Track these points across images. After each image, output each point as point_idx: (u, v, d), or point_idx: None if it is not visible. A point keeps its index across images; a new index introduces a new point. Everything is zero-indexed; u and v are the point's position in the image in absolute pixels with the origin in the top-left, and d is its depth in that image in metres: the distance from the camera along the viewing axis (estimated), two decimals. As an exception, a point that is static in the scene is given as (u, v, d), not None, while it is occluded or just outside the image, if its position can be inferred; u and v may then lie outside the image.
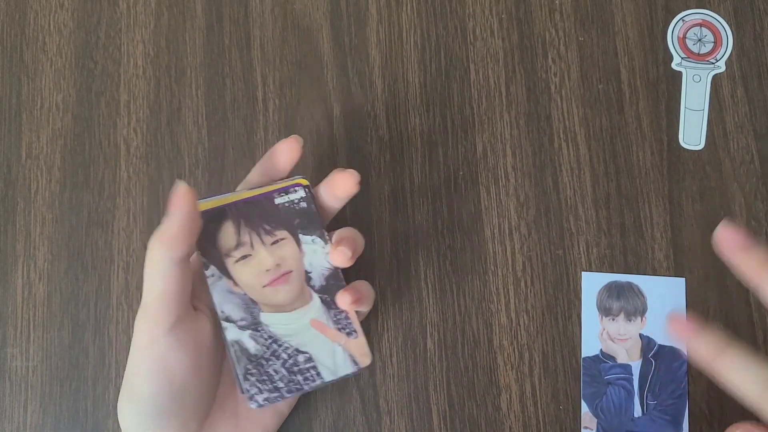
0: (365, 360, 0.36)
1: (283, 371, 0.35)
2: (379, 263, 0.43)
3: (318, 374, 0.35)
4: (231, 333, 0.35)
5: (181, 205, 0.32)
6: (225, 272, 0.35)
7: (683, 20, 0.47)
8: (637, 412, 0.41)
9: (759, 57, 0.46)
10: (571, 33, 0.46)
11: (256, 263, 0.36)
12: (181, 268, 0.33)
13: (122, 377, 0.41)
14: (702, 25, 0.47)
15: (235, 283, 0.35)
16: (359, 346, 0.36)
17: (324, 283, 0.36)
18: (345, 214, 0.44)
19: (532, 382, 0.42)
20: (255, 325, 0.35)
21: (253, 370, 0.34)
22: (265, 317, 0.35)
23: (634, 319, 0.42)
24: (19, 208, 0.44)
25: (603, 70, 0.46)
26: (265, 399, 0.34)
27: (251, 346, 0.34)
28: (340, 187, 0.37)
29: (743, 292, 0.43)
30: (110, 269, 0.43)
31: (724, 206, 0.44)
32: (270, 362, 0.34)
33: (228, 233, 0.36)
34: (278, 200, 0.37)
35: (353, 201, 0.44)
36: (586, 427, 0.41)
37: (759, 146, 0.44)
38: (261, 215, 0.36)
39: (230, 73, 0.46)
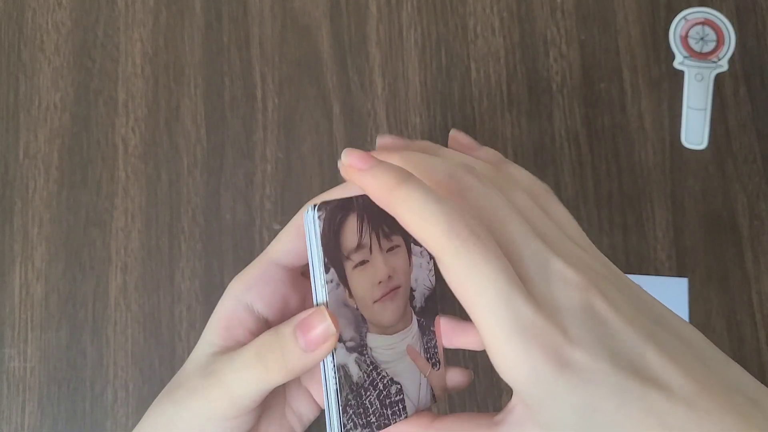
0: (442, 394, 0.31)
1: (377, 404, 0.29)
2: (379, 263, 0.43)
3: (404, 408, 0.30)
4: (339, 355, 0.28)
5: (324, 349, 0.28)
6: (343, 279, 0.28)
7: (685, 19, 0.46)
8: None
9: (762, 55, 0.46)
10: (573, 31, 0.46)
11: (372, 272, 0.29)
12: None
13: (120, 378, 0.41)
14: (704, 23, 0.46)
15: (350, 294, 0.29)
16: (440, 378, 0.31)
17: (423, 305, 0.31)
18: (345, 214, 0.43)
19: (533, 383, 0.41)
20: (361, 348, 0.29)
21: (353, 401, 0.29)
22: (371, 339, 0.29)
23: (636, 319, 0.42)
24: (16, 207, 0.43)
25: (605, 68, 0.46)
26: None
27: (355, 372, 0.29)
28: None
29: (746, 292, 0.43)
30: (108, 269, 0.43)
31: (727, 206, 0.44)
32: (368, 393, 0.29)
33: (351, 231, 0.29)
34: None
35: (353, 201, 0.44)
36: (587, 429, 0.41)
37: None
38: (382, 214, 0.28)
39: (229, 72, 0.45)
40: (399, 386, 0.30)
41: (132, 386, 0.42)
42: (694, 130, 0.45)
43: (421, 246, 0.30)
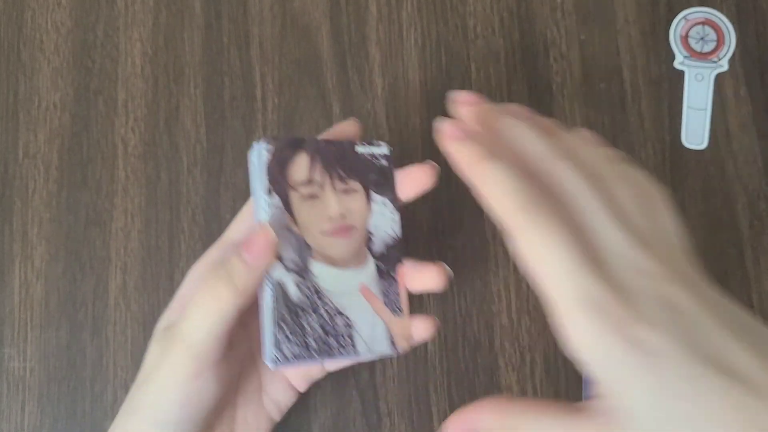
0: (404, 344, 0.33)
1: (318, 329, 0.31)
2: (379, 263, 0.43)
3: (353, 345, 0.32)
4: (276, 272, 0.31)
5: (267, 257, 0.31)
6: (288, 206, 0.32)
7: (686, 19, 0.46)
8: (639, 413, 0.41)
9: (762, 55, 0.46)
10: (573, 31, 0.46)
11: (322, 207, 0.32)
12: (240, 312, 0.31)
13: (120, 378, 0.41)
14: (705, 23, 0.46)
15: (295, 221, 0.32)
16: (403, 327, 0.33)
17: (384, 251, 0.33)
18: (345, 214, 0.43)
19: (533, 384, 0.41)
20: (302, 272, 0.32)
21: (288, 319, 0.31)
22: (315, 266, 0.32)
23: (636, 320, 0.42)
24: (16, 207, 0.43)
25: (605, 69, 0.46)
26: (293, 355, 0.31)
27: (293, 292, 0.31)
28: (413, 182, 0.34)
29: (745, 292, 0.43)
30: (108, 269, 0.43)
31: (727, 206, 0.44)
32: (307, 315, 0.31)
33: (301, 166, 0.32)
34: (360, 149, 0.34)
35: (353, 201, 0.44)
36: (587, 429, 0.41)
37: None
38: (338, 158, 0.33)
39: (229, 72, 0.45)
40: (347, 320, 0.32)
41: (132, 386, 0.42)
42: (695, 130, 0.45)
43: (383, 196, 0.33)
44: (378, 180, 0.34)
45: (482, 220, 0.43)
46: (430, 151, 0.44)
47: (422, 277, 0.34)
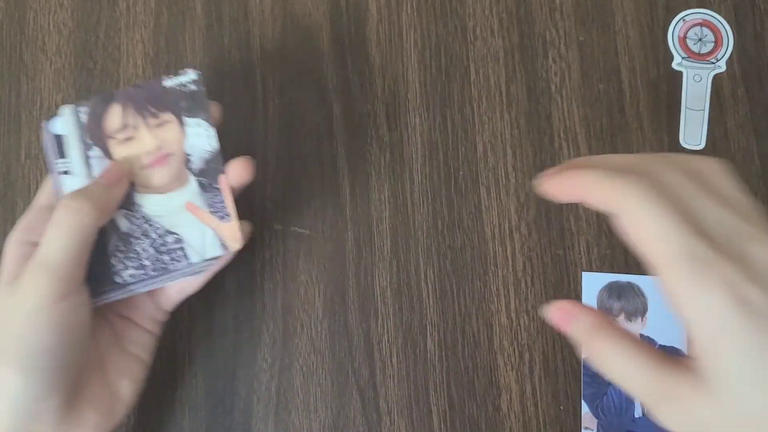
0: (234, 244, 0.36)
1: (151, 250, 0.35)
2: (379, 264, 0.43)
3: (185, 255, 0.36)
4: None
5: (122, 182, 0.35)
6: (108, 154, 0.36)
7: (684, 20, 0.47)
8: (638, 412, 0.41)
9: (760, 57, 0.46)
10: (572, 32, 0.46)
11: (138, 145, 0.37)
12: (96, 233, 0.34)
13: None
14: (702, 24, 0.47)
15: None
16: (231, 230, 0.36)
17: (204, 167, 0.37)
18: (345, 215, 0.44)
19: (532, 383, 0.42)
20: (129, 206, 0.36)
21: (122, 247, 0.35)
22: (140, 198, 0.36)
23: (634, 319, 0.42)
24: (18, 208, 0.44)
25: (603, 69, 0.46)
26: (131, 275, 0.35)
27: (123, 224, 0.36)
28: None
29: (744, 293, 0.43)
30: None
31: (725, 206, 0.44)
32: (139, 240, 0.35)
33: (114, 116, 0.37)
34: (167, 83, 0.37)
35: (354, 201, 0.44)
36: (586, 428, 0.41)
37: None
38: (148, 99, 0.37)
39: (230, 73, 0.45)
40: (177, 236, 0.36)
41: None
42: (693, 131, 0.45)
43: (196, 118, 0.37)
44: (189, 105, 0.37)
45: (482, 220, 0.44)
46: (429, 152, 0.45)
47: (232, 175, 0.37)
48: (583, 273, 0.43)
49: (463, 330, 0.42)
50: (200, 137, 0.37)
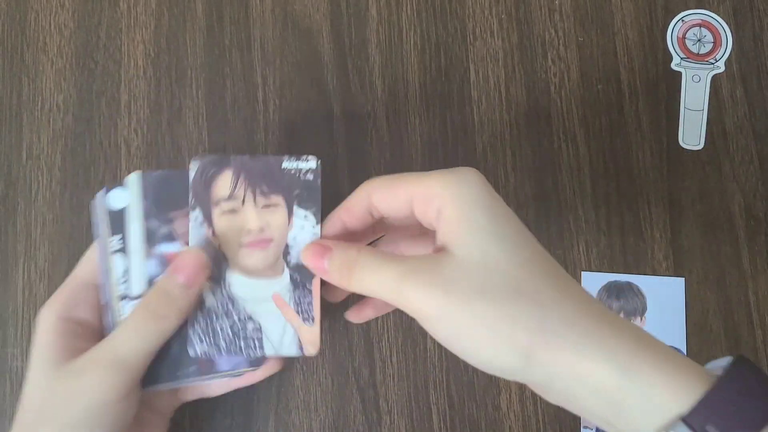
0: (311, 350, 0.35)
1: (229, 331, 0.35)
2: (379, 263, 0.43)
3: (260, 346, 0.35)
4: None
5: (202, 276, 0.33)
6: (209, 219, 0.35)
7: (683, 20, 0.47)
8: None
9: (758, 57, 0.46)
10: (571, 33, 0.46)
11: (241, 221, 0.35)
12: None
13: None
14: (701, 25, 0.47)
15: (214, 233, 0.35)
16: (312, 334, 0.35)
17: (300, 263, 0.35)
18: (345, 214, 0.44)
19: (531, 382, 0.42)
20: (218, 280, 0.35)
21: (201, 321, 0.34)
22: (231, 276, 0.35)
23: (633, 318, 0.43)
24: (19, 208, 0.44)
25: (602, 70, 0.46)
26: (204, 351, 0.34)
27: (209, 299, 0.34)
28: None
29: (742, 292, 0.43)
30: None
31: (724, 206, 0.44)
32: (220, 319, 0.34)
33: (224, 182, 0.35)
34: (286, 164, 0.35)
35: (353, 201, 0.44)
36: (585, 427, 0.41)
37: None
38: (263, 175, 0.35)
39: (230, 74, 0.46)
40: (257, 326, 0.35)
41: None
42: (691, 131, 0.45)
43: (306, 210, 0.35)
44: (302, 194, 0.35)
45: (481, 220, 0.44)
46: (429, 152, 0.45)
47: (334, 290, 0.36)
48: (583, 273, 0.43)
49: (462, 330, 0.42)
50: (305, 231, 0.35)
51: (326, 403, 0.42)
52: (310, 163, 0.35)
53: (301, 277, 0.35)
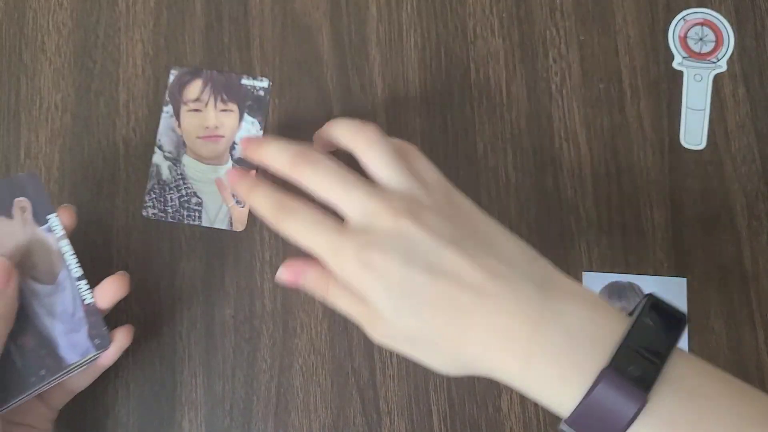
0: (239, 227, 0.43)
1: (176, 202, 0.43)
2: (379, 263, 0.43)
3: (199, 217, 0.43)
4: (156, 157, 0.44)
5: (10, 282, 0.34)
6: (177, 114, 0.44)
7: (684, 19, 0.46)
8: (638, 412, 0.41)
9: (760, 56, 0.46)
10: (572, 32, 0.46)
11: (202, 119, 0.44)
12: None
13: (122, 377, 0.41)
14: (703, 24, 0.46)
15: (180, 126, 0.44)
16: (241, 214, 0.43)
17: (241, 157, 0.43)
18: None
19: (532, 383, 0.42)
20: (176, 160, 0.43)
21: (157, 190, 0.43)
22: (186, 159, 0.44)
23: (634, 319, 0.42)
24: (17, 208, 0.44)
25: (604, 69, 0.46)
26: (153, 214, 0.43)
27: (165, 173, 0.43)
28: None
29: (744, 293, 0.43)
30: (109, 269, 0.43)
31: (726, 206, 0.44)
32: (171, 190, 0.43)
33: (194, 88, 0.45)
34: (244, 81, 0.45)
35: (353, 201, 0.44)
36: (586, 428, 0.41)
37: None
38: (225, 87, 0.45)
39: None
40: (200, 200, 0.43)
41: (133, 385, 0.42)
42: (693, 131, 0.45)
43: (254, 118, 0.44)
44: (252, 105, 0.44)
45: (482, 220, 0.43)
46: (430, 152, 0.44)
47: (103, 294, 0.37)
48: (584, 273, 0.43)
49: (463, 330, 0.42)
50: (250, 133, 0.44)
51: (326, 404, 0.41)
52: (264, 83, 0.45)
53: (241, 167, 0.43)
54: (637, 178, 0.44)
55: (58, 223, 0.36)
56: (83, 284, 0.36)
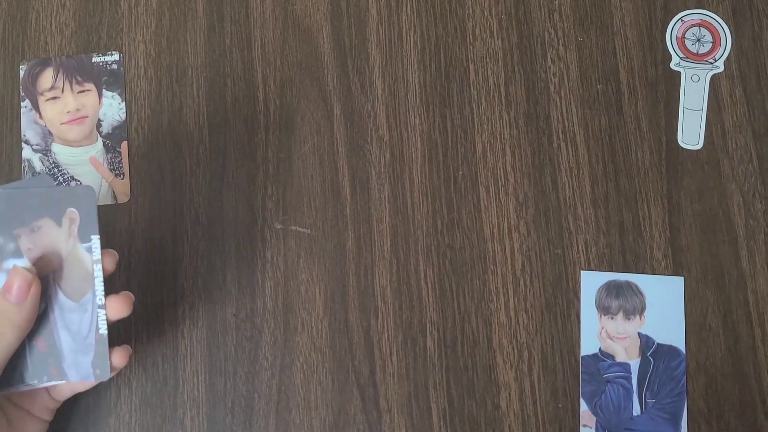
0: (124, 198, 0.44)
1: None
2: (379, 263, 0.43)
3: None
4: (26, 152, 0.44)
5: (29, 292, 0.34)
6: (36, 106, 0.45)
7: (682, 20, 0.47)
8: (636, 410, 0.41)
9: (757, 57, 0.46)
10: (570, 33, 0.46)
11: (62, 105, 0.45)
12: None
13: (124, 375, 0.42)
14: (701, 25, 0.47)
15: (41, 116, 0.45)
16: (123, 186, 0.44)
17: (110, 132, 0.44)
18: (345, 215, 0.44)
19: (531, 381, 0.42)
20: (45, 151, 0.44)
21: (33, 181, 0.39)
22: (56, 147, 0.44)
23: (632, 317, 0.43)
24: (21, 207, 0.44)
25: (602, 70, 0.46)
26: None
27: (38, 165, 0.44)
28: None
29: (741, 291, 0.43)
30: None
31: (723, 205, 0.44)
32: (47, 180, 0.38)
33: (47, 77, 0.45)
34: (95, 59, 0.45)
35: (354, 201, 0.44)
36: (585, 425, 0.41)
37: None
38: (78, 69, 0.45)
39: (231, 74, 0.46)
40: (78, 183, 0.44)
41: (135, 383, 0.42)
42: (691, 131, 0.45)
43: (112, 91, 0.45)
44: (109, 80, 0.45)
45: (481, 219, 0.44)
46: (429, 152, 0.45)
47: (111, 310, 0.36)
48: (582, 272, 0.43)
49: (462, 328, 0.43)
50: (113, 107, 0.45)
51: (326, 402, 0.42)
52: (114, 56, 0.45)
53: (111, 142, 0.45)
54: (635, 178, 0.45)
55: (98, 246, 0.35)
56: (102, 313, 0.35)
